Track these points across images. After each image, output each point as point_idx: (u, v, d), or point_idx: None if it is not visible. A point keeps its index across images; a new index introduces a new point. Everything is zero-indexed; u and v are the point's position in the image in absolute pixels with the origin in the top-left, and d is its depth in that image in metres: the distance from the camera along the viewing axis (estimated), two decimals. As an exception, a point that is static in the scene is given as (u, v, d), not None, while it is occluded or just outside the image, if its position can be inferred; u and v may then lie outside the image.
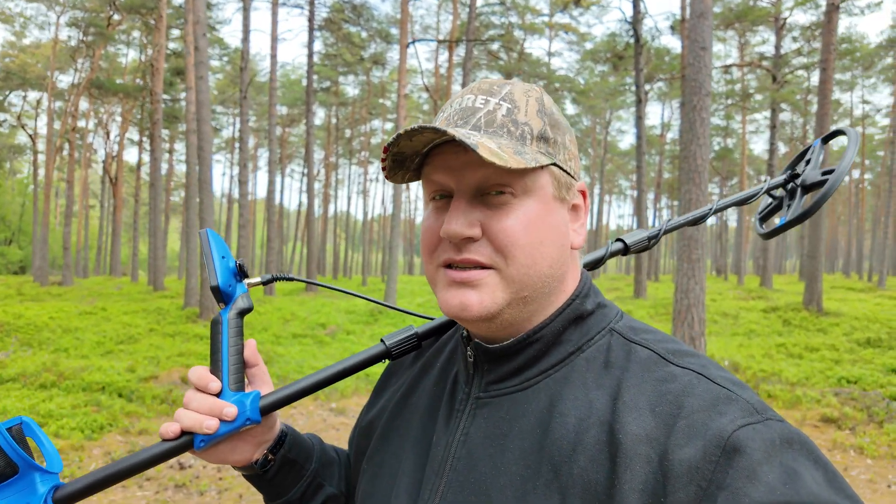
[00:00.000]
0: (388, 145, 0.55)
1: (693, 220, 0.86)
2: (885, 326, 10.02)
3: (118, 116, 35.05)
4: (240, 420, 0.64)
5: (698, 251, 6.39)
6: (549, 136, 0.58)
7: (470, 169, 0.55)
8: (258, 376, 0.71)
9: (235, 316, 0.68)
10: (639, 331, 0.59)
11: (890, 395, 5.33)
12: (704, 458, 0.43)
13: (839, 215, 55.01)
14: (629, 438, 0.47)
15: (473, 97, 0.59)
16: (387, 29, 26.25)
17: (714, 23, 23.87)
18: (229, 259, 0.68)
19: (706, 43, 6.48)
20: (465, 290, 0.55)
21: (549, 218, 0.57)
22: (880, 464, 4.22)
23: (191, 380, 0.66)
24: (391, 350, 0.71)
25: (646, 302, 15.62)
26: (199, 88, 10.47)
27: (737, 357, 7.26)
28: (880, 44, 28.27)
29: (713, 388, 0.49)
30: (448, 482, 0.56)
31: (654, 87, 27.94)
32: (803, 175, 0.90)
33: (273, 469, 0.72)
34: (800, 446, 0.44)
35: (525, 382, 0.57)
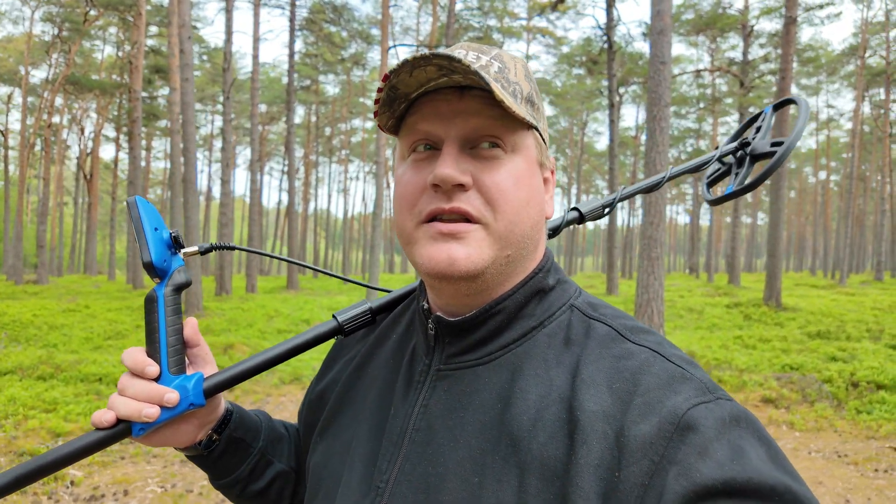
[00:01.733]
0: (390, 73, 0.52)
1: (648, 188, 0.86)
2: (837, 320, 10.76)
3: (93, 112, 34.66)
4: (182, 405, 0.61)
5: (657, 250, 6.94)
6: (535, 101, 0.59)
7: (462, 117, 0.54)
8: (200, 356, 0.67)
9: (172, 292, 0.63)
10: (597, 307, 0.60)
11: (823, 379, 5.94)
12: (659, 434, 0.45)
13: (807, 215, 56.89)
14: (586, 415, 0.48)
15: (465, 52, 0.58)
16: (367, 30, 26.55)
17: (685, 28, 24.75)
18: (163, 230, 0.63)
19: (665, 58, 7.03)
20: (453, 244, 0.54)
21: (533, 179, 0.58)
22: (806, 436, 4.79)
23: (125, 363, 0.61)
24: (344, 326, 0.69)
25: (617, 298, 16.26)
26: (184, 90, 10.71)
27: (695, 348, 7.85)
28: (843, 51, 29.51)
29: (668, 367, 0.50)
30: (406, 453, 0.56)
31: (629, 90, 28.73)
32: (753, 144, 0.89)
33: (218, 449, 0.69)
34: (747, 424, 0.46)
35: (487, 356, 0.57)
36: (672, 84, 10.50)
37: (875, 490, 3.76)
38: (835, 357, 7.31)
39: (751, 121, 0.96)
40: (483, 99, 0.54)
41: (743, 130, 0.96)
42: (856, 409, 5.30)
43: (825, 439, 4.72)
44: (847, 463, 4.20)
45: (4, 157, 35.01)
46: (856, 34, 28.50)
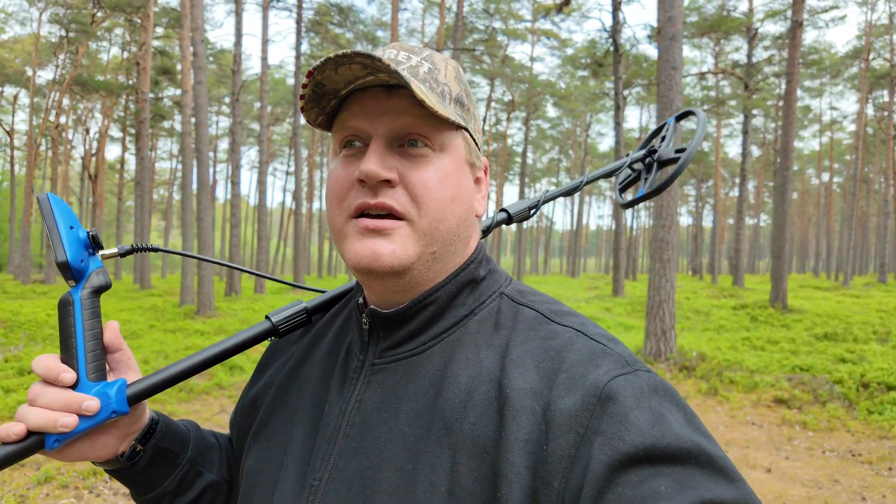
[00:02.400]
0: (313, 69, 0.52)
1: (567, 191, 0.89)
2: (843, 322, 10.84)
3: (98, 113, 34.84)
4: (104, 413, 0.57)
5: (669, 252, 7.04)
6: (465, 102, 0.60)
7: (389, 114, 0.55)
8: (122, 362, 0.63)
9: (90, 295, 0.59)
10: (526, 293, 0.61)
11: (834, 380, 6.04)
12: (582, 407, 0.47)
13: (810, 217, 56.90)
14: (515, 393, 0.50)
15: (396, 52, 0.59)
16: (372, 31, 26.66)
17: (690, 31, 24.84)
18: (79, 229, 0.60)
19: (677, 63, 7.13)
20: (378, 240, 0.55)
21: (461, 178, 0.59)
22: (819, 435, 4.89)
23: (36, 371, 0.57)
24: (278, 327, 0.67)
25: (623, 300, 16.35)
26: (197, 92, 10.83)
27: (705, 349, 7.94)
28: (846, 53, 29.58)
29: (590, 344, 0.52)
30: (340, 449, 0.56)
31: (633, 91, 28.82)
32: (659, 151, 0.95)
33: (143, 461, 0.65)
34: (664, 392, 0.48)
35: (420, 346, 0.58)
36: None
37: (890, 488, 3.86)
38: (843, 359, 7.40)
39: (657, 131, 1.03)
40: (410, 98, 0.55)
41: (650, 139, 1.03)
42: (867, 409, 5.39)
43: (838, 439, 4.81)
44: (861, 462, 4.30)
45: (10, 158, 35.21)
46: (860, 37, 28.58)
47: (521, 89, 30.84)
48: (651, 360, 7.13)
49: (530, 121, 34.25)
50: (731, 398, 5.89)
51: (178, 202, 51.39)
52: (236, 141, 14.87)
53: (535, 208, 0.85)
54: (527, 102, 31.44)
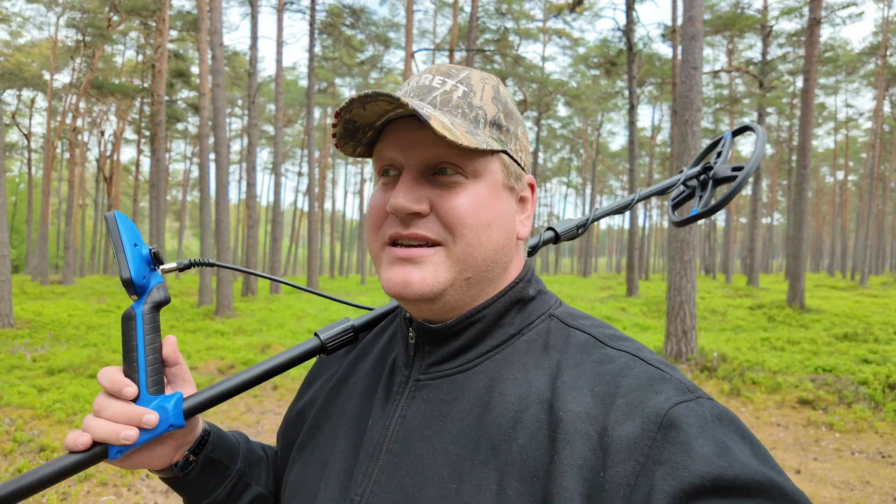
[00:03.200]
0: (340, 110, 0.54)
1: (618, 209, 0.88)
2: (862, 322, 10.73)
3: (112, 115, 35.26)
4: (162, 427, 0.60)
5: (690, 252, 7.02)
6: (503, 123, 0.59)
7: (421, 145, 0.55)
8: (179, 376, 0.66)
9: (151, 310, 0.62)
10: (576, 317, 0.60)
11: (859, 381, 5.99)
12: (643, 434, 0.45)
13: (824, 215, 56.27)
14: (569, 416, 0.49)
15: (431, 77, 0.59)
16: (384, 33, 26.76)
17: (704, 29, 24.67)
18: (142, 246, 0.62)
19: (697, 63, 7.11)
20: (408, 268, 0.55)
21: (497, 204, 0.57)
22: (846, 437, 4.87)
23: (101, 383, 0.59)
24: (326, 344, 0.68)
25: (638, 300, 16.29)
26: (215, 95, 10.95)
27: (724, 349, 7.91)
28: (863, 50, 29.23)
29: (648, 369, 0.51)
30: (383, 465, 0.56)
31: (645, 90, 28.68)
32: (715, 168, 0.93)
33: (195, 471, 0.68)
34: (728, 422, 0.46)
35: (466, 364, 0.58)
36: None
37: (922, 490, 3.83)
38: (867, 360, 7.33)
39: (712, 146, 1.00)
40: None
41: (704, 155, 1.00)
42: (895, 410, 5.36)
43: (867, 440, 4.79)
44: (891, 463, 4.28)
45: (28, 160, 35.75)
46: (876, 33, 28.23)
47: (532, 89, 30.80)
48: (672, 360, 7.11)
49: (541, 120, 34.19)
50: (754, 399, 5.87)
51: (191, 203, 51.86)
52: (252, 143, 15.00)
53: (583, 227, 0.83)
54: (538, 102, 31.39)
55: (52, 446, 4.17)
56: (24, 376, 6.11)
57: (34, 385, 5.63)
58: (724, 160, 0.94)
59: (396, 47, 27.64)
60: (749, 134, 0.97)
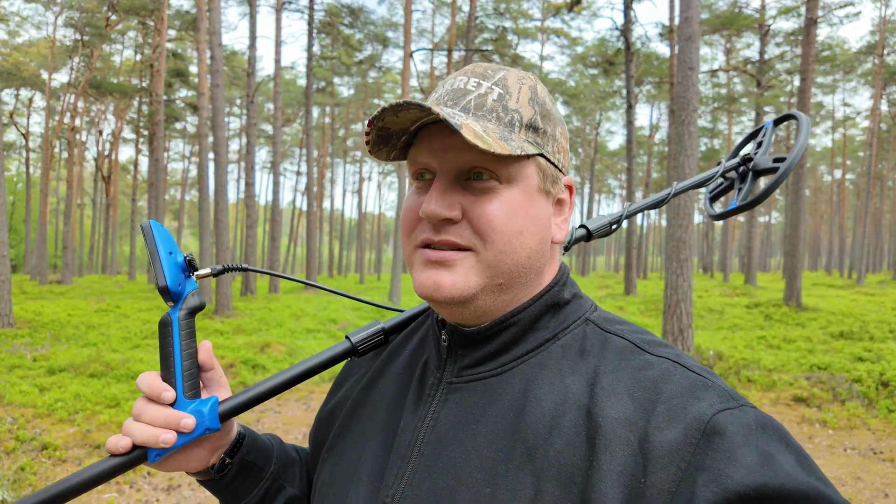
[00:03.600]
0: (373, 119, 0.54)
1: (654, 204, 0.85)
2: (858, 321, 10.80)
3: (110, 115, 35.28)
4: (198, 430, 0.61)
5: (686, 251, 7.08)
6: (539, 126, 0.58)
7: (453, 151, 0.55)
8: (214, 380, 0.67)
9: (186, 316, 0.63)
10: (613, 322, 0.60)
11: (853, 379, 6.06)
12: (685, 441, 0.45)
13: (822, 214, 56.40)
14: (608, 421, 0.48)
15: (466, 79, 0.58)
16: (383, 32, 26.79)
17: (702, 28, 24.74)
18: (177, 254, 0.63)
19: (694, 63, 7.16)
20: (440, 271, 0.55)
21: (532, 209, 0.57)
22: (839, 434, 4.93)
23: (140, 388, 0.61)
24: (357, 347, 0.69)
25: (636, 298, 16.35)
26: (214, 95, 10.98)
27: (721, 347, 7.97)
28: (860, 49, 29.31)
29: (690, 375, 0.50)
30: (415, 467, 0.55)
31: (643, 89, 28.74)
32: (756, 159, 0.89)
33: (231, 473, 0.69)
34: (773, 431, 0.46)
35: (500, 367, 0.57)
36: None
37: (912, 485, 3.89)
38: (861, 357, 7.40)
39: (751, 135, 0.96)
40: (473, 134, 0.54)
41: (743, 145, 0.97)
42: (887, 408, 5.42)
43: (859, 437, 4.85)
44: (883, 459, 4.34)
45: (26, 160, 35.74)
46: (873, 32, 28.32)
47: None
48: (668, 358, 7.16)
49: (540, 119, 34.15)
50: (750, 397, 5.92)
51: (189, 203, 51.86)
52: (251, 142, 15.04)
53: (617, 223, 0.81)
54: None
55: (53, 444, 4.22)
56: (25, 375, 6.15)
57: (35, 384, 5.67)
58: (766, 151, 0.90)
59: (395, 46, 27.68)
60: (777, 125, 0.94)
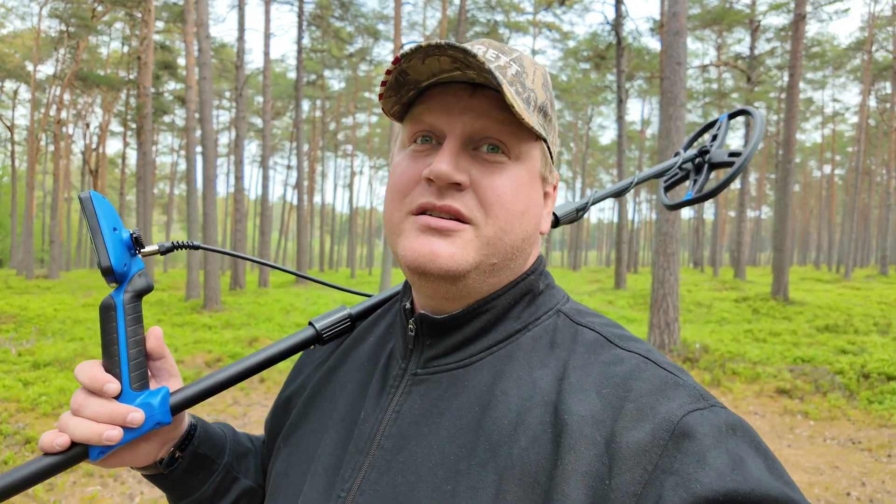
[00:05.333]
0: (401, 56, 0.50)
1: (617, 192, 0.85)
2: (844, 314, 10.94)
3: (98, 108, 34.89)
4: (148, 425, 0.55)
5: (673, 246, 7.13)
6: (548, 112, 0.57)
7: (470, 114, 0.52)
8: (164, 370, 0.61)
9: (132, 299, 0.57)
10: (585, 314, 0.58)
11: (835, 371, 6.14)
12: (653, 442, 0.43)
13: (812, 209, 56.93)
14: (575, 419, 0.46)
15: (484, 49, 0.56)
16: (373, 25, 26.64)
17: (693, 24, 24.82)
18: (122, 230, 0.57)
19: (681, 59, 7.18)
20: (438, 240, 0.52)
21: (534, 192, 0.56)
22: (821, 424, 5.01)
23: (80, 379, 0.55)
24: (322, 333, 0.65)
25: (625, 293, 16.45)
26: (202, 88, 10.89)
27: (707, 341, 8.05)
28: (849, 45, 29.53)
29: (660, 373, 0.49)
30: (373, 461, 0.53)
31: (634, 84, 28.80)
32: (711, 153, 0.89)
33: (181, 468, 0.65)
34: (743, 433, 0.45)
35: (467, 359, 0.55)
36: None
37: (889, 474, 3.97)
38: (844, 350, 7.50)
39: (706, 127, 0.96)
40: (494, 100, 0.52)
41: (697, 137, 0.97)
42: (867, 399, 5.50)
43: (839, 427, 4.92)
44: (861, 449, 4.41)
45: (11, 153, 35.28)
46: (862, 28, 28.52)
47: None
48: (655, 351, 7.22)
49: (532, 114, 34.17)
50: (734, 389, 5.99)
51: (178, 197, 51.45)
52: (240, 136, 14.93)
53: (583, 210, 0.81)
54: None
55: (37, 438, 4.19)
56: (10, 370, 6.10)
57: (20, 378, 5.63)
58: (720, 144, 0.91)
59: (386, 39, 27.54)
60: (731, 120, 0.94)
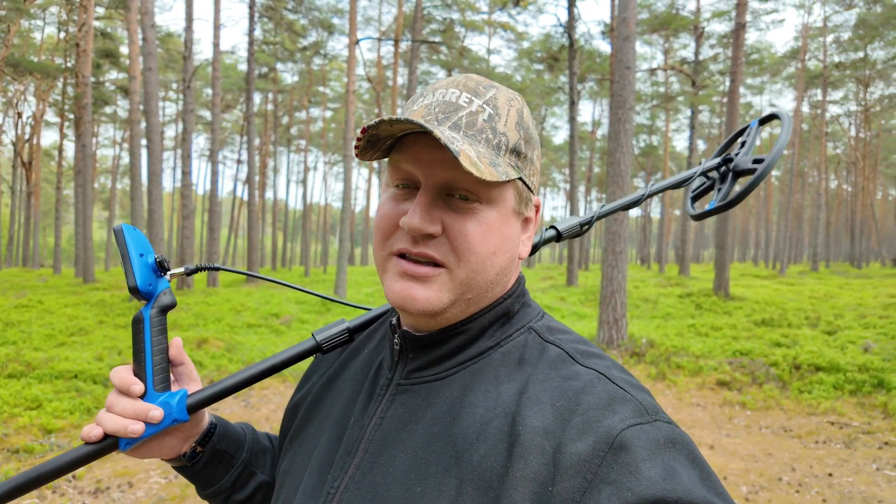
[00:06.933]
0: (368, 127, 0.54)
1: (626, 205, 0.86)
2: (779, 309, 11.58)
3: (31, 96, 32.85)
4: (166, 421, 0.65)
5: (621, 245, 7.37)
6: (522, 150, 0.60)
7: (440, 167, 0.56)
8: (185, 374, 0.71)
9: (158, 313, 0.67)
10: (555, 331, 0.62)
11: (770, 363, 6.52)
12: (593, 453, 0.47)
13: (751, 208, 59.94)
14: (527, 430, 0.50)
15: (458, 93, 0.59)
16: (328, 19, 26.21)
17: (641, 28, 25.64)
18: (149, 255, 0.67)
19: (630, 62, 7.42)
20: (414, 284, 0.57)
21: (506, 230, 0.59)
22: (756, 414, 5.31)
23: (113, 382, 0.65)
24: (322, 345, 0.72)
25: (577, 289, 16.87)
26: (147, 79, 10.46)
27: (654, 335, 8.37)
28: (785, 54, 31.19)
29: (610, 388, 0.52)
30: (358, 462, 0.58)
31: (586, 86, 29.49)
32: (736, 160, 0.90)
33: (202, 460, 0.73)
34: (681, 447, 0.47)
35: (443, 372, 0.60)
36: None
37: (816, 459, 4.26)
38: (779, 343, 7.96)
39: (736, 135, 0.97)
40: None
41: (728, 145, 0.98)
42: (798, 389, 5.86)
43: (773, 417, 5.23)
44: (792, 437, 4.71)
45: (-66, 143, 32.78)
46: (796, 38, 30.20)
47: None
48: (604, 347, 7.47)
49: (487, 112, 34.39)
50: (678, 382, 6.27)
51: (121, 192, 49.12)
52: (187, 129, 14.40)
53: (588, 224, 0.82)
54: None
55: (-35, 450, 3.95)
56: (-67, 377, 5.70)
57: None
58: (748, 151, 0.92)
59: (341, 34, 27.15)
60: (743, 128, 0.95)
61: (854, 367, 6.16)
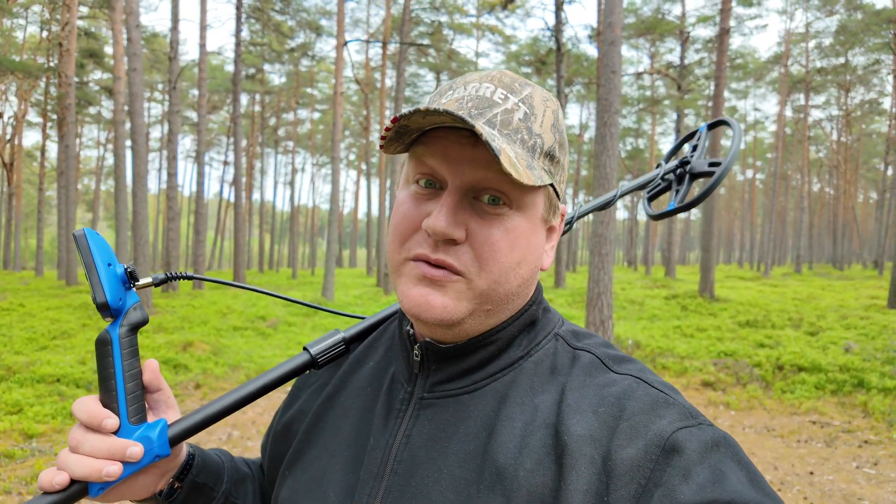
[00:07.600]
0: (400, 117, 0.50)
1: (601, 206, 0.87)
2: (763, 310, 11.75)
3: (13, 96, 32.36)
4: (147, 458, 0.56)
5: (607, 247, 7.43)
6: (556, 155, 0.57)
7: (470, 165, 0.52)
8: (162, 401, 0.62)
9: (128, 333, 0.58)
10: (581, 336, 0.60)
11: (754, 364, 6.61)
12: (645, 457, 0.46)
13: (735, 210, 60.67)
14: (574, 439, 0.49)
15: (493, 88, 0.55)
16: (316, 20, 26.15)
17: (627, 32, 25.88)
18: (116, 265, 0.58)
19: (616, 67, 7.49)
20: (433, 290, 0.53)
21: (533, 238, 0.56)
22: (740, 414, 5.38)
23: (78, 416, 0.55)
24: (317, 359, 0.66)
25: (564, 291, 16.96)
26: (131, 80, 10.35)
27: (639, 337, 8.44)
28: (768, 59, 31.68)
29: (652, 392, 0.51)
30: (388, 486, 0.54)
31: (574, 89, 29.70)
32: (692, 163, 0.92)
33: (180, 497, 0.65)
34: (726, 449, 0.47)
35: (472, 385, 0.57)
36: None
37: (798, 457, 4.32)
38: (762, 344, 8.07)
39: (686, 138, 0.99)
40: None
41: (678, 147, 1.00)
42: (781, 389, 5.95)
43: (756, 416, 5.30)
44: (775, 436, 4.77)
45: (-88, 143, 32.14)
46: (780, 43, 30.66)
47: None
48: (591, 348, 7.50)
49: (475, 115, 34.49)
50: (663, 383, 6.32)
51: (105, 193, 48.49)
52: (173, 130, 14.28)
53: (568, 224, 0.82)
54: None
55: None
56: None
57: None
58: (701, 154, 0.94)
59: (328, 35, 27.10)
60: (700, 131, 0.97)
61: (835, 367, 6.27)
